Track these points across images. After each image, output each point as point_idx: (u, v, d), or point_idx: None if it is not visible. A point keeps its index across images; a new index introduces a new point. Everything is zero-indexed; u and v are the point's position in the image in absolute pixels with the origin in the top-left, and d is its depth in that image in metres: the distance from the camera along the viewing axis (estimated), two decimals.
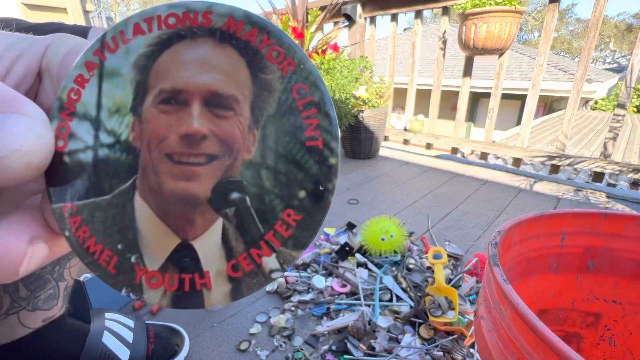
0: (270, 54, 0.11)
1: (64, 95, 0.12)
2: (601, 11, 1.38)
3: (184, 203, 0.12)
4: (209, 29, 0.11)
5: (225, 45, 0.11)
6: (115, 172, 0.12)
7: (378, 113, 1.72)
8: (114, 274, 0.12)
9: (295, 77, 0.11)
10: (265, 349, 0.62)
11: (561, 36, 29.45)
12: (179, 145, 0.12)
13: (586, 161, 1.57)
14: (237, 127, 0.12)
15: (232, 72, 0.11)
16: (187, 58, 0.12)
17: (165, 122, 0.12)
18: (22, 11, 2.19)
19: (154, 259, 0.12)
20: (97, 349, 0.49)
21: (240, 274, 0.12)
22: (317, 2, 2.11)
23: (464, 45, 1.66)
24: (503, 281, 0.29)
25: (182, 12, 0.11)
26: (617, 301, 0.45)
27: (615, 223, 0.42)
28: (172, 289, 0.12)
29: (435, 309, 0.63)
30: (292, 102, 0.11)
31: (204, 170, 0.12)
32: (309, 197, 0.12)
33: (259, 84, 0.12)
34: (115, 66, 0.12)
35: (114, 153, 0.12)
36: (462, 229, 1.09)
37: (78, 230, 0.12)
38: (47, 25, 0.41)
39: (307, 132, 0.11)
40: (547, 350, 0.23)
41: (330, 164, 0.11)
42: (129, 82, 0.12)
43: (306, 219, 0.12)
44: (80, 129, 0.12)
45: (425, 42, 7.86)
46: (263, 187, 0.12)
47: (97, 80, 0.12)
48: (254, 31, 0.11)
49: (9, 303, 0.42)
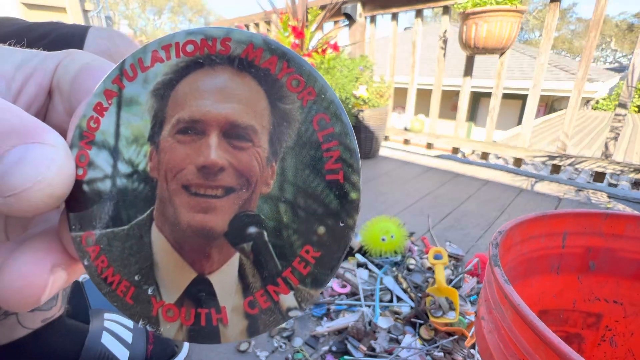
0: (290, 83, 0.11)
1: (84, 123, 0.12)
2: (602, 11, 1.37)
3: (200, 236, 0.11)
4: (227, 56, 0.11)
5: (244, 74, 0.11)
6: (133, 202, 0.12)
7: (378, 113, 1.72)
8: (131, 305, 0.12)
9: (315, 107, 0.11)
10: (265, 350, 0.62)
11: (562, 35, 29.42)
12: (196, 176, 0.11)
13: (587, 161, 1.57)
14: (255, 159, 0.11)
15: (250, 101, 0.11)
16: (205, 87, 0.11)
17: (183, 152, 0.11)
18: (21, 10, 2.19)
19: (171, 291, 0.12)
20: (96, 349, 0.49)
21: (256, 311, 0.12)
22: (317, 1, 2.11)
23: (464, 45, 1.66)
24: (504, 282, 0.29)
25: (200, 39, 0.11)
26: (618, 302, 0.45)
27: (616, 223, 0.42)
28: (189, 323, 0.12)
29: (435, 309, 0.63)
30: (312, 134, 0.11)
31: (220, 203, 0.11)
32: (328, 233, 0.11)
33: (278, 115, 0.11)
34: (133, 95, 0.12)
35: (132, 183, 0.12)
36: (463, 229, 1.08)
37: (96, 259, 0.12)
38: (45, 25, 0.41)
39: (327, 165, 0.11)
40: (548, 351, 0.23)
41: (351, 199, 0.11)
42: (147, 111, 0.12)
43: (325, 256, 0.11)
44: (99, 158, 0.12)
45: (426, 42, 7.86)
46: (281, 221, 0.11)
47: (115, 109, 0.12)
48: (273, 59, 0.11)
49: None
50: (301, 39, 1.79)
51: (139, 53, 0.12)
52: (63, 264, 0.12)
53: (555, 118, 7.98)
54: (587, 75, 1.46)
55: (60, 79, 0.13)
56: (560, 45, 28.83)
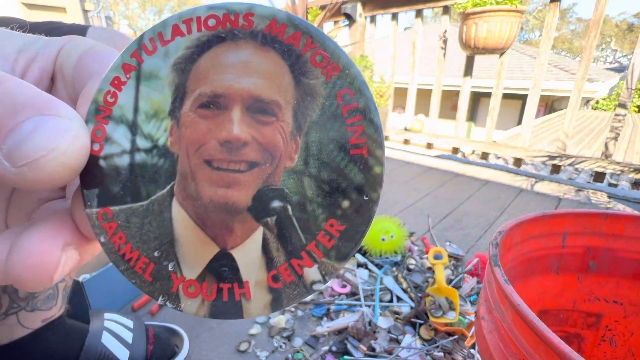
0: (314, 58, 0.11)
1: (100, 97, 0.11)
2: (602, 10, 1.37)
3: (223, 211, 0.11)
4: (250, 31, 0.11)
5: (267, 49, 0.11)
6: (152, 177, 0.11)
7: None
8: (150, 282, 0.12)
9: (339, 82, 0.11)
10: (265, 350, 0.62)
11: (562, 35, 29.42)
12: (218, 151, 0.11)
13: (587, 161, 1.57)
14: (279, 133, 0.11)
15: (274, 76, 0.11)
16: (227, 61, 0.11)
17: (205, 127, 0.11)
18: (21, 10, 2.19)
19: (192, 267, 0.12)
20: (96, 349, 0.49)
21: (280, 285, 0.12)
22: (317, 1, 2.11)
23: (464, 45, 1.66)
24: (504, 282, 0.29)
25: (223, 14, 0.11)
26: (618, 302, 0.45)
27: (616, 223, 0.42)
28: (210, 298, 0.12)
29: (435, 309, 0.63)
30: (337, 109, 0.11)
31: (244, 177, 0.11)
32: (352, 207, 0.11)
33: (302, 89, 0.11)
34: (153, 68, 0.11)
35: (152, 158, 0.11)
36: (463, 229, 1.08)
37: (114, 236, 0.12)
38: (45, 24, 0.41)
39: (351, 139, 0.11)
40: (548, 351, 0.23)
41: (375, 173, 0.11)
42: (167, 85, 0.11)
43: (349, 230, 0.11)
44: (117, 133, 0.11)
45: (426, 42, 7.86)
46: (305, 196, 0.11)
47: (134, 83, 0.11)
48: (297, 34, 0.11)
49: (7, 304, 0.42)
50: None
51: (159, 27, 0.11)
52: (75, 242, 0.12)
53: (555, 118, 7.98)
54: (587, 75, 1.46)
55: (63, 64, 0.13)
56: (560, 45, 28.83)
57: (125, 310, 0.70)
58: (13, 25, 0.18)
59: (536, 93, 1.64)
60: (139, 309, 0.71)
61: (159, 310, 0.71)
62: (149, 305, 0.72)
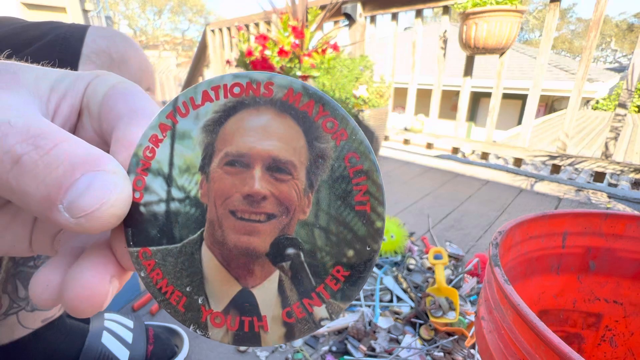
0: (325, 125, 0.13)
1: (140, 152, 0.13)
2: (602, 11, 1.37)
3: (245, 255, 0.13)
4: (270, 99, 0.13)
5: (285, 115, 0.13)
6: (185, 223, 0.13)
7: (378, 113, 1.72)
8: (183, 313, 0.14)
9: (347, 146, 0.13)
10: (265, 350, 0.62)
11: (562, 35, 29.42)
12: (241, 203, 0.13)
13: (587, 161, 1.57)
14: (293, 190, 0.13)
15: (290, 140, 0.13)
16: (250, 125, 0.13)
17: (230, 182, 0.13)
18: (21, 10, 2.19)
19: (218, 301, 0.13)
20: (96, 349, 0.49)
21: (293, 320, 0.13)
22: (317, 1, 2.11)
23: (464, 45, 1.66)
24: (504, 282, 0.29)
25: (246, 82, 0.13)
26: (618, 302, 0.45)
27: (616, 223, 0.42)
28: (234, 329, 0.13)
29: (435, 309, 0.63)
30: (344, 170, 0.13)
31: (263, 227, 0.13)
32: (356, 256, 0.13)
33: (314, 152, 0.13)
34: (186, 129, 0.13)
35: (184, 207, 0.13)
36: (463, 229, 1.08)
37: (152, 272, 0.13)
38: (44, 24, 0.41)
39: (356, 197, 0.13)
40: (548, 351, 0.23)
41: (376, 227, 0.13)
42: (198, 144, 0.13)
43: (353, 275, 0.13)
44: (155, 184, 0.13)
45: (426, 42, 7.86)
46: (315, 245, 0.13)
47: (169, 141, 0.13)
48: (311, 103, 0.13)
49: (8, 304, 0.42)
50: (301, 39, 1.79)
51: (190, 92, 0.13)
52: (117, 274, 0.13)
53: (555, 118, 7.98)
54: (587, 75, 1.46)
55: (89, 100, 0.15)
56: (560, 45, 28.83)
57: (126, 310, 0.70)
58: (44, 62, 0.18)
59: (536, 93, 1.64)
60: (139, 309, 0.71)
61: (159, 310, 0.71)
62: (149, 306, 0.72)
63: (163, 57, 14.38)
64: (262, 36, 1.84)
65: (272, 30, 2.36)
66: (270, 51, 1.80)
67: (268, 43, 1.81)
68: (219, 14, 34.32)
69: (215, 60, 3.33)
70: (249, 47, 1.82)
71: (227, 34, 3.06)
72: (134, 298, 0.74)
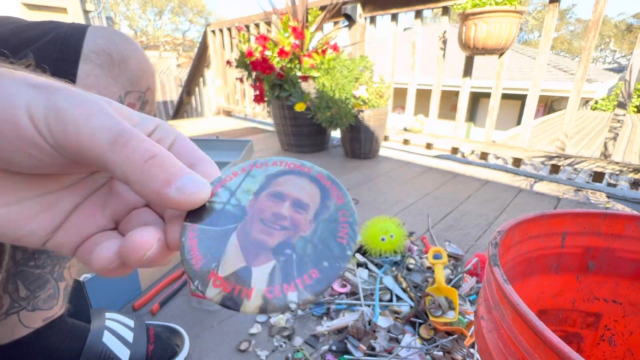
0: (333, 193, 0.21)
1: (222, 176, 0.21)
2: (601, 11, 1.38)
3: (258, 246, 0.19)
4: (308, 174, 0.22)
5: (313, 184, 0.21)
6: (229, 217, 0.20)
7: (378, 113, 1.72)
8: (196, 270, 0.18)
9: (342, 207, 0.20)
10: (265, 349, 0.62)
11: (561, 36, 29.44)
12: (270, 216, 0.20)
13: (586, 161, 1.57)
14: (304, 218, 0.20)
15: (312, 195, 0.21)
16: (292, 182, 0.21)
17: (269, 204, 0.20)
18: (21, 10, 2.19)
19: (226, 269, 0.18)
20: (97, 348, 0.49)
21: (271, 297, 0.18)
22: (317, 2, 2.11)
23: (464, 45, 1.66)
24: (503, 281, 0.29)
25: (300, 163, 0.22)
26: (617, 301, 0.45)
27: (615, 223, 0.42)
28: (227, 291, 0.18)
29: (435, 309, 0.63)
30: (337, 217, 0.20)
31: (277, 232, 0.19)
32: (329, 266, 0.18)
33: (323, 204, 0.21)
34: (255, 174, 0.22)
35: (234, 209, 0.20)
36: (463, 229, 1.09)
37: (190, 240, 0.19)
38: (44, 24, 0.41)
39: (339, 233, 0.19)
40: (548, 351, 0.23)
41: (347, 254, 0.19)
42: (259, 182, 0.21)
43: (322, 278, 0.18)
44: (223, 193, 0.20)
45: (426, 42, 7.85)
46: (305, 252, 0.19)
47: (243, 177, 0.21)
48: (329, 182, 0.21)
49: (9, 303, 0.42)
50: (301, 39, 1.79)
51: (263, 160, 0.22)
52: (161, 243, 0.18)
53: (554, 118, 7.99)
54: (586, 76, 1.47)
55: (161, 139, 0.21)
56: (560, 45, 28.85)
57: (126, 310, 0.71)
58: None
59: (535, 93, 1.64)
60: (140, 308, 0.71)
61: (159, 309, 0.71)
62: (150, 305, 0.72)
63: (164, 57, 14.34)
64: (263, 37, 1.84)
65: (272, 31, 2.36)
66: (271, 52, 1.80)
67: (268, 44, 1.81)
68: (219, 15, 34.28)
69: (216, 60, 3.33)
70: (249, 47, 1.82)
71: (228, 34, 3.06)
72: (134, 298, 0.74)
